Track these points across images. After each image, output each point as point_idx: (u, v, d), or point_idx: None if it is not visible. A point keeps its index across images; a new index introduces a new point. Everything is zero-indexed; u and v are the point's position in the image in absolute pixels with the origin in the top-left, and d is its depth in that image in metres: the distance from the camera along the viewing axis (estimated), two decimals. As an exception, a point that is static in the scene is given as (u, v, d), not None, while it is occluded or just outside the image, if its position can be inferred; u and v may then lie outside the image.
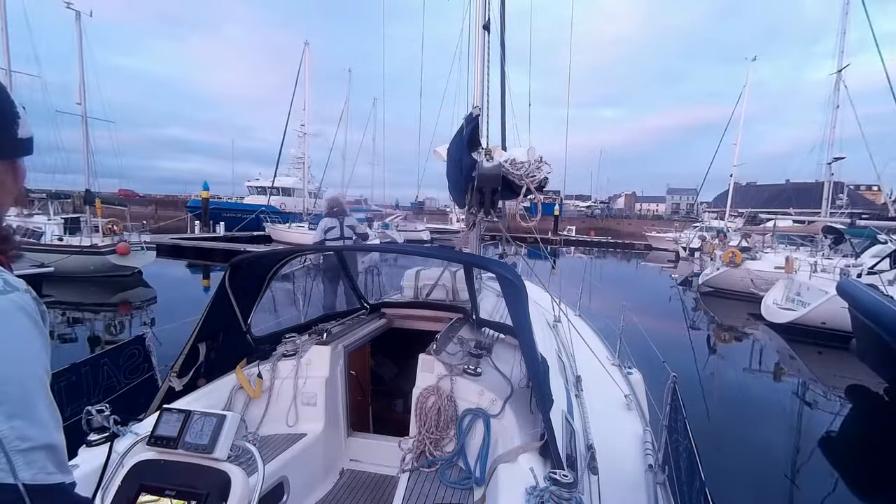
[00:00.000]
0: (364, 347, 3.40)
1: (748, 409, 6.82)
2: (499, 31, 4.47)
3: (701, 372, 8.30)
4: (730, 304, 14.47)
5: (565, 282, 15.35)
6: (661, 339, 9.63)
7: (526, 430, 1.96)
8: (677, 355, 8.68)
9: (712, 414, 6.26)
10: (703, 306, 14.52)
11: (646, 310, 13.34)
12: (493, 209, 3.46)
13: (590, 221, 57.61)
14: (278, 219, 27.25)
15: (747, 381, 8.16)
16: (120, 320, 10.69)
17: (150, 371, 3.34)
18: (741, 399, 7.20)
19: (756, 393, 7.56)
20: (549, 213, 49.00)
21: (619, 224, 56.56)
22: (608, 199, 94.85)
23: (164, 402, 2.16)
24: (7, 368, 0.65)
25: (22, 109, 0.81)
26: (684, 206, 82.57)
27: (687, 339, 10.90)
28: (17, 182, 0.81)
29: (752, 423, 6.29)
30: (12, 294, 0.69)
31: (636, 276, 25.07)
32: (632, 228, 51.91)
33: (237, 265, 2.55)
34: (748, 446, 5.56)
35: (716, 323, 12.56)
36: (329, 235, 6.33)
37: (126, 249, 14.43)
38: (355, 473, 2.73)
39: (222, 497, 1.26)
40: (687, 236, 29.49)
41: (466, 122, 3.36)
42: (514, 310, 2.14)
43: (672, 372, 3.13)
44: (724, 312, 13.61)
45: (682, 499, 2.38)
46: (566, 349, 3.84)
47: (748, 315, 12.73)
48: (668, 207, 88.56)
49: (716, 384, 7.91)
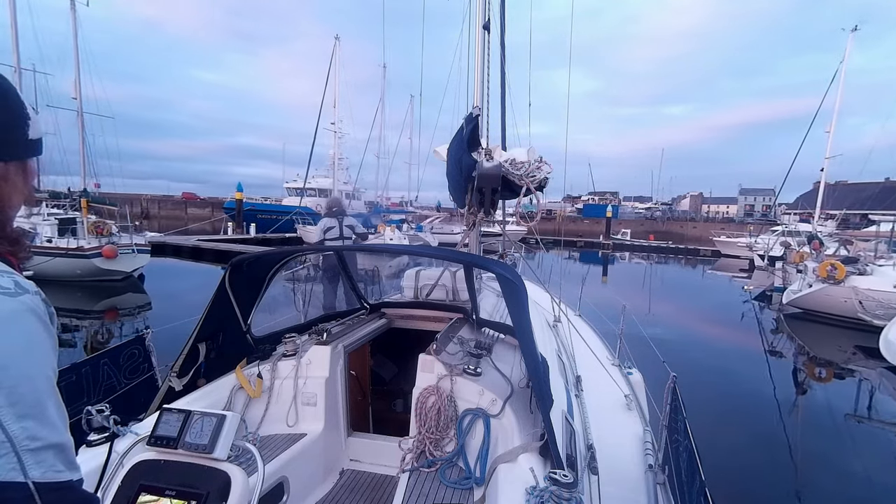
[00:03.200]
0: (364, 347, 3.40)
1: (749, 408, 6.81)
2: (499, 31, 4.47)
3: (702, 372, 8.23)
4: (826, 332, 11.36)
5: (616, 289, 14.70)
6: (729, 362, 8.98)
7: (526, 430, 1.96)
8: (677, 355, 8.58)
9: (713, 414, 6.24)
10: (786, 329, 11.72)
11: (711, 327, 11.95)
12: (493, 209, 3.46)
13: (649, 224, 53.62)
14: (310, 220, 26.78)
15: (851, 431, 6.24)
16: (108, 328, 9.91)
17: (150, 371, 3.34)
18: (742, 398, 7.19)
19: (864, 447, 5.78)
20: (600, 215, 45.82)
21: (682, 227, 52.37)
22: (671, 200, 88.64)
23: (164, 402, 2.16)
24: (19, 369, 0.66)
25: (33, 111, 0.82)
26: (759, 208, 76.68)
27: (764, 366, 9.01)
28: (27, 182, 0.83)
29: (753, 423, 6.29)
30: (23, 296, 0.70)
31: (700, 286, 21.71)
32: (697, 232, 47.68)
33: (237, 265, 2.55)
34: (748, 446, 5.56)
35: (806, 354, 9.95)
36: (328, 235, 6.34)
37: (112, 252, 13.45)
38: (355, 473, 2.73)
39: (222, 497, 1.26)
40: (764, 242, 24.38)
41: (466, 122, 3.35)
42: (514, 310, 2.14)
43: (672, 372, 3.13)
44: (817, 341, 10.76)
45: (682, 499, 2.38)
46: (566, 349, 3.84)
47: (855, 349, 9.83)
48: (740, 209, 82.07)
49: (716, 384, 7.88)
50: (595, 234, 41.04)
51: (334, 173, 31.72)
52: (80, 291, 12.64)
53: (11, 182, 0.79)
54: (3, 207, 0.78)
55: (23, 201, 0.83)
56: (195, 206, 55.41)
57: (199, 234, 25.16)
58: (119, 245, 13.99)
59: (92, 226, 14.48)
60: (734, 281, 21.64)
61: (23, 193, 0.82)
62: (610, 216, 42.79)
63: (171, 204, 57.62)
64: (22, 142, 0.80)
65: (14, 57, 15.59)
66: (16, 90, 0.79)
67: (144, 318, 10.68)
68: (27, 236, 0.87)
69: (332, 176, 31.87)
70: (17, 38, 15.42)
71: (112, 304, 11.97)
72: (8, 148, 0.78)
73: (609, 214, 42.88)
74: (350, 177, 34.74)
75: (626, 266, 27.90)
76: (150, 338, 3.44)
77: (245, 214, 29.10)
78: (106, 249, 13.45)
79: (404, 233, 23.29)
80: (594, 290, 16.49)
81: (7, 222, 0.79)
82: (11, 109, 0.78)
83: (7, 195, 0.78)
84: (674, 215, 67.03)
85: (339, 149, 31.35)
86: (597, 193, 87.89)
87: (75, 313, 10.79)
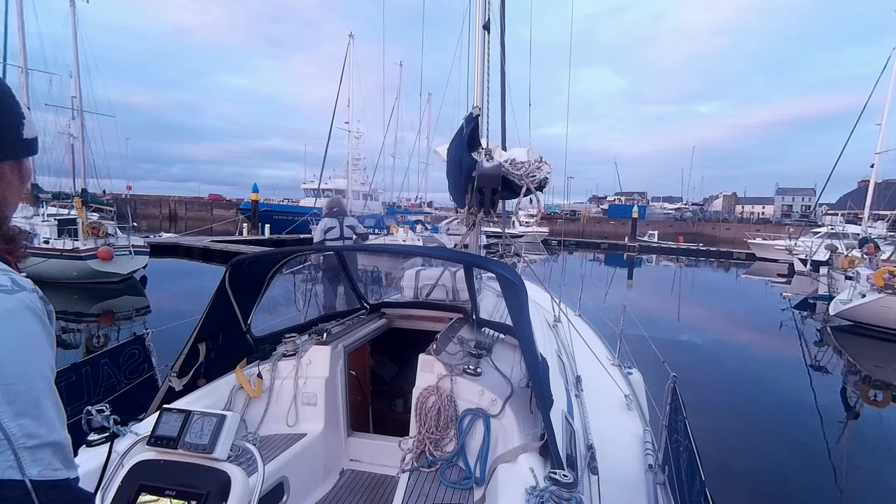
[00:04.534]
0: (364, 347, 3.40)
1: (749, 408, 6.81)
2: (499, 31, 4.47)
3: (705, 374, 8.22)
4: (883, 349, 10.10)
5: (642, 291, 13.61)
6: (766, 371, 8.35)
7: (526, 430, 1.96)
8: (677, 355, 8.57)
9: (713, 414, 6.25)
10: (833, 343, 10.53)
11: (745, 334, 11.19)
12: (493, 209, 3.46)
13: (679, 226, 51.23)
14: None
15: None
16: (104, 331, 9.70)
17: (150, 371, 3.34)
18: (742, 399, 7.19)
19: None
20: (626, 215, 44.24)
21: (714, 228, 50.14)
22: (703, 200, 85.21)
23: (164, 402, 2.16)
24: (16, 368, 0.66)
25: (27, 109, 0.82)
26: (798, 209, 73.84)
27: (804, 378, 8.26)
28: (22, 182, 0.83)
29: (753, 423, 6.29)
30: (20, 294, 0.71)
31: (733, 291, 20.14)
32: (731, 234, 45.61)
33: (237, 265, 2.55)
34: (749, 445, 5.56)
35: (857, 373, 8.91)
36: (329, 235, 6.34)
37: (107, 254, 13.11)
38: (355, 473, 2.73)
39: (222, 497, 1.26)
40: (806, 245, 21.72)
41: (466, 122, 3.36)
42: (514, 310, 2.14)
43: (672, 372, 3.13)
44: (872, 359, 9.52)
45: (682, 499, 2.38)
46: (566, 349, 3.84)
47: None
48: (777, 210, 78.92)
49: (716, 384, 7.87)
50: (621, 236, 40.03)
51: (348, 173, 31.33)
52: (77, 294, 12.38)
53: (6, 181, 0.79)
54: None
55: (19, 200, 0.83)
56: (221, 207, 56.57)
57: (221, 234, 25.30)
58: (116, 246, 13.69)
59: (88, 226, 14.05)
60: (771, 286, 20.05)
61: (19, 192, 0.82)
62: (636, 217, 41.07)
63: (197, 205, 58.59)
64: (16, 141, 0.79)
65: (21, 58, 15.51)
66: (9, 89, 0.79)
67: (144, 322, 10.48)
68: (24, 235, 0.86)
69: (347, 176, 31.46)
70: (23, 38, 15.37)
71: (108, 307, 11.73)
72: (1, 147, 0.77)
73: (635, 215, 41.16)
74: (367, 177, 34.30)
75: (653, 269, 26.62)
76: (150, 338, 3.44)
77: (261, 215, 29.01)
78: (101, 251, 13.11)
79: (418, 234, 22.79)
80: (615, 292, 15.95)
81: (3, 221, 0.79)
82: (4, 108, 0.77)
83: (2, 194, 0.78)
84: (705, 216, 64.12)
85: (356, 149, 30.93)
86: (623, 194, 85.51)
87: (71, 316, 10.65)
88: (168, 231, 32.24)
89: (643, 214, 49.22)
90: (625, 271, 25.82)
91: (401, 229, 22.40)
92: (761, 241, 30.14)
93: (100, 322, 10.45)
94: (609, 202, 74.80)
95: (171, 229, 35.61)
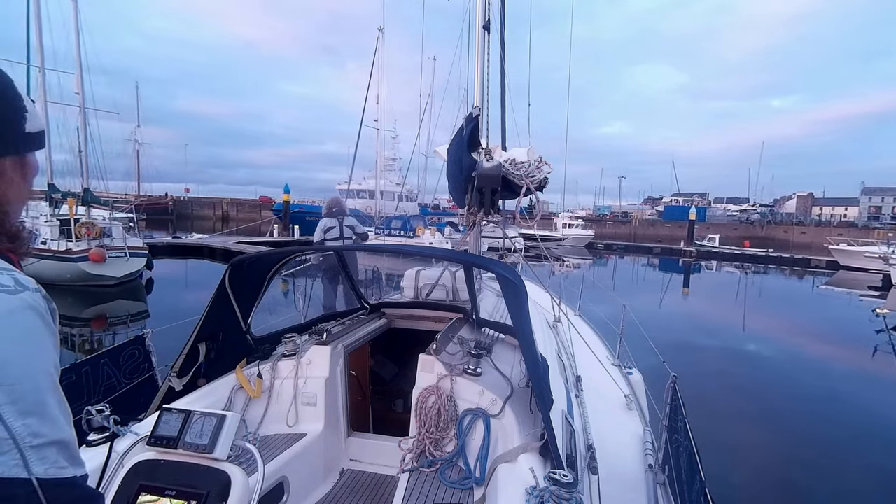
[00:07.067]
0: (364, 347, 3.40)
1: (749, 408, 6.81)
2: (499, 31, 4.47)
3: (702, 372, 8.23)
4: None
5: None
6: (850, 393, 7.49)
7: (526, 430, 1.96)
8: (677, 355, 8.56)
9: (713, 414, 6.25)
10: None
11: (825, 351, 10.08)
12: (494, 209, 3.46)
13: (744, 229, 46.92)
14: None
15: None
16: (97, 336, 9.39)
17: (150, 371, 3.34)
18: (742, 398, 7.19)
19: None
20: (683, 217, 40.23)
21: (787, 232, 45.51)
22: (773, 201, 78.14)
23: (164, 402, 2.16)
24: (20, 367, 0.66)
25: (31, 103, 0.79)
26: (889, 210, 67.88)
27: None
28: (26, 178, 0.80)
29: (754, 423, 6.29)
30: (23, 293, 0.70)
31: (812, 304, 17.73)
32: (807, 238, 41.72)
33: (237, 265, 2.55)
34: (749, 445, 5.56)
35: None
36: (328, 235, 6.35)
37: (99, 256, 12.43)
38: (355, 473, 2.73)
39: (222, 497, 1.26)
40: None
41: (466, 122, 3.36)
42: (514, 310, 2.14)
43: (672, 372, 3.13)
44: None
45: (682, 499, 2.38)
46: (566, 349, 3.83)
47: None
48: (863, 211, 71.52)
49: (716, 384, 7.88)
50: (676, 240, 36.97)
51: (377, 174, 30.33)
52: (71, 297, 11.80)
53: (8, 178, 0.76)
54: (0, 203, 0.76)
55: (23, 197, 0.81)
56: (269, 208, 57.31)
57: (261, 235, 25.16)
58: (110, 248, 13.11)
59: (80, 226, 13.31)
60: (859, 300, 17.41)
61: (22, 189, 0.79)
62: (694, 219, 36.67)
63: (248, 207, 59.28)
64: (18, 135, 0.76)
65: (38, 56, 15.25)
66: (11, 81, 0.76)
67: (142, 326, 10.05)
68: (28, 233, 0.85)
69: (376, 177, 30.34)
70: (41, 36, 15.04)
71: (100, 312, 11.20)
72: (2, 142, 0.75)
73: (693, 217, 36.80)
74: (402, 178, 33.33)
75: (714, 276, 24.18)
76: (150, 338, 3.44)
77: (293, 216, 28.59)
78: (92, 253, 12.48)
79: (447, 236, 21.65)
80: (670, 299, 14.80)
81: (5, 218, 0.77)
82: (5, 102, 0.75)
83: (2, 192, 0.76)
84: (776, 218, 58.25)
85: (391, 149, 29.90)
86: (682, 194, 79.93)
87: (63, 320, 10.01)
88: (220, 231, 32.06)
89: (702, 216, 44.76)
90: (681, 277, 23.69)
91: (427, 231, 21.44)
92: (846, 246, 26.34)
93: (91, 327, 10.16)
94: (665, 203, 70.01)
95: (222, 229, 35.35)
